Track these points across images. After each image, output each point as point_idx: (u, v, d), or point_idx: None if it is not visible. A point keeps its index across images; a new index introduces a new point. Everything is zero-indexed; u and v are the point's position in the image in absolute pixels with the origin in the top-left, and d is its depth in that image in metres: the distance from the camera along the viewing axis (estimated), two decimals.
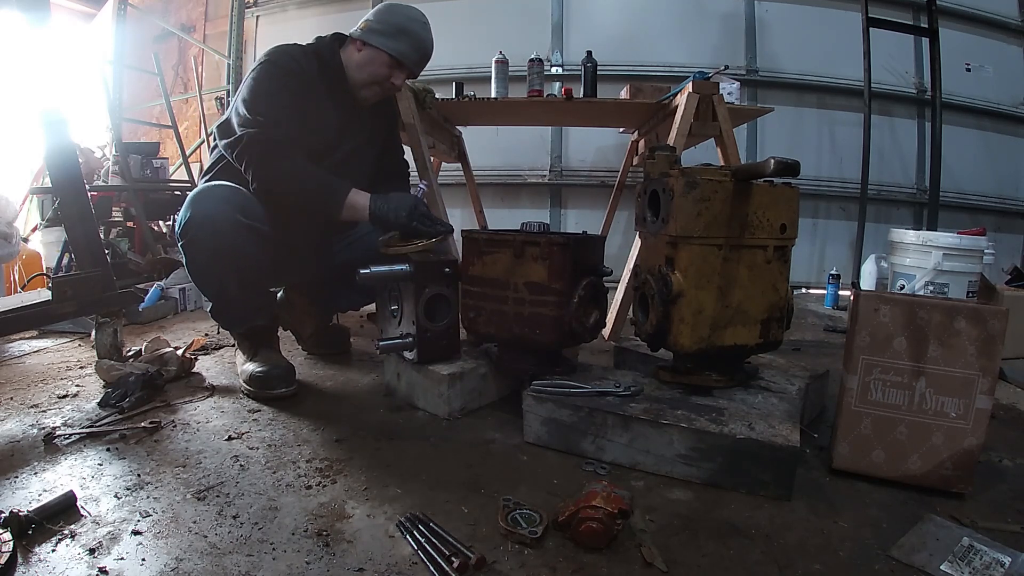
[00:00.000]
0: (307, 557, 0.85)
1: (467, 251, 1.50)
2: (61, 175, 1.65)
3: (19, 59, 1.92)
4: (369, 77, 1.60)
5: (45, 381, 1.65)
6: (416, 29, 1.59)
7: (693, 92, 2.14)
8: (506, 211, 3.86)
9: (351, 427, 1.34)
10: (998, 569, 0.85)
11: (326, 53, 1.60)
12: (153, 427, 1.30)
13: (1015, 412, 1.60)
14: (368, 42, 1.57)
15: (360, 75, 1.60)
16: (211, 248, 1.43)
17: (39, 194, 3.45)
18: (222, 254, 1.44)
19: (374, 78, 1.60)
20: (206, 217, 1.41)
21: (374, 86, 1.62)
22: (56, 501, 0.94)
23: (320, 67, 1.59)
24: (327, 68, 1.59)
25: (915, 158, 3.76)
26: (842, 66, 3.58)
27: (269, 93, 1.48)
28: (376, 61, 1.58)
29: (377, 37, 1.57)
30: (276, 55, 1.55)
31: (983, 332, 1.04)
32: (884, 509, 1.03)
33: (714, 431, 1.10)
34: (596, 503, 0.89)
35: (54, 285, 1.61)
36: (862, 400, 1.11)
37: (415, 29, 1.59)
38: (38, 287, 2.42)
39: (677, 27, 3.68)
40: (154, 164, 3.67)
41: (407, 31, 1.58)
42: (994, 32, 3.78)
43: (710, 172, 1.22)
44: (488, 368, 1.49)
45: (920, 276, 2.41)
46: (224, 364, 1.84)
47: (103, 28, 4.72)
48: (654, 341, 1.30)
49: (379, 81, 1.61)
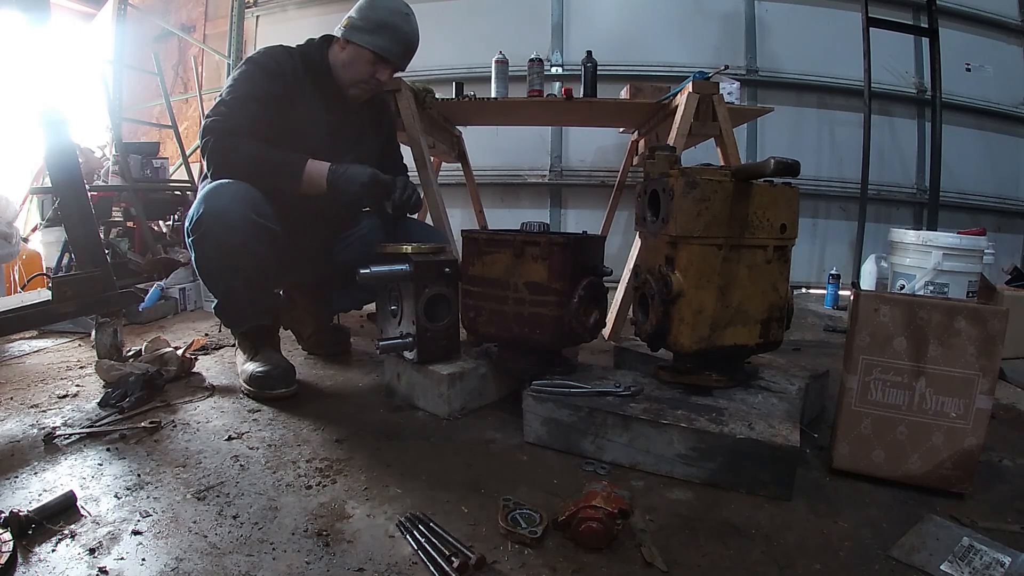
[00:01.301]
0: (307, 557, 0.85)
1: (467, 251, 1.50)
2: (61, 175, 1.64)
3: (19, 59, 1.92)
4: (354, 76, 1.60)
5: (45, 381, 1.65)
6: (397, 22, 1.58)
7: (693, 92, 2.14)
8: (506, 211, 3.86)
9: (351, 427, 1.34)
10: (998, 569, 0.85)
11: (314, 54, 1.61)
12: (153, 427, 1.30)
13: (1015, 412, 1.60)
14: (350, 40, 1.58)
15: (345, 74, 1.61)
16: (223, 245, 1.43)
17: (39, 194, 3.45)
18: (234, 252, 1.44)
19: (358, 76, 1.60)
20: (220, 213, 1.41)
21: (360, 84, 1.62)
22: (56, 501, 0.94)
23: (306, 68, 1.59)
24: (314, 69, 1.60)
25: (915, 158, 3.76)
26: (842, 66, 3.58)
27: (241, 90, 1.50)
28: (359, 59, 1.58)
29: (358, 34, 1.57)
30: (258, 55, 1.58)
31: (983, 332, 1.04)
32: (884, 509, 1.03)
33: (714, 431, 1.10)
34: (596, 503, 0.89)
35: (54, 285, 1.61)
36: (862, 400, 1.11)
37: (396, 22, 1.57)
38: (38, 287, 2.42)
39: (677, 27, 3.68)
40: (154, 164, 3.66)
41: (388, 25, 1.57)
42: (994, 32, 3.78)
43: (710, 172, 1.22)
44: (488, 368, 1.49)
45: (920, 276, 2.41)
46: (224, 364, 1.84)
47: (103, 28, 4.71)
48: (654, 341, 1.30)
49: (364, 79, 1.61)
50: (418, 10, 1.65)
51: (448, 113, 2.80)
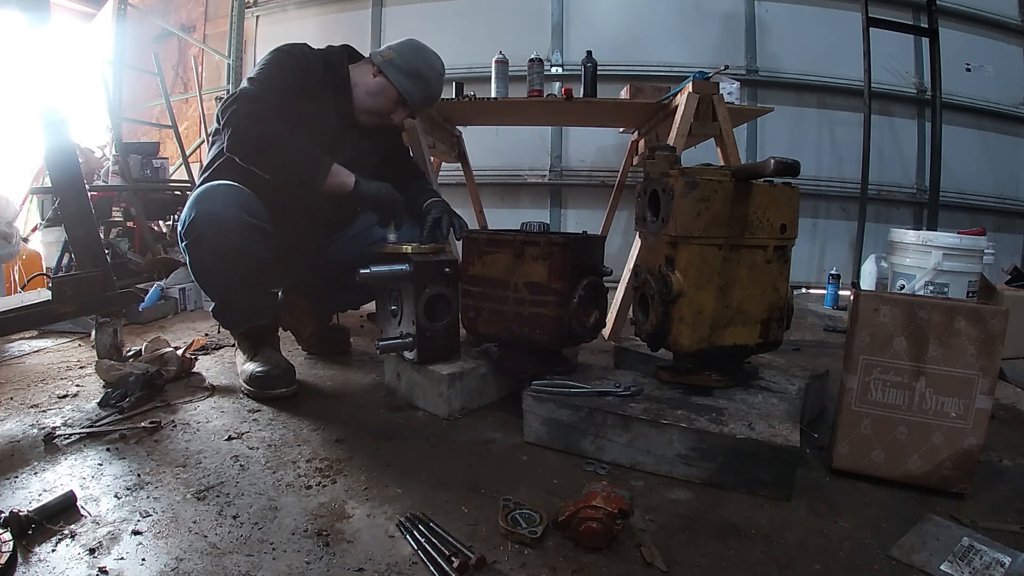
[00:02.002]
0: (307, 557, 0.85)
1: (467, 251, 1.50)
2: (61, 175, 1.65)
3: (19, 59, 1.92)
4: (373, 105, 1.64)
5: (45, 381, 1.65)
6: (432, 78, 1.65)
7: (693, 92, 2.14)
8: (506, 211, 3.86)
9: (351, 427, 1.34)
10: (998, 569, 0.85)
11: (334, 60, 1.63)
12: (153, 427, 1.30)
13: (1015, 412, 1.60)
14: (386, 73, 1.61)
15: (366, 100, 1.63)
16: (216, 247, 1.43)
17: (39, 194, 3.45)
18: (227, 254, 1.43)
19: (377, 107, 1.64)
20: (211, 216, 1.41)
21: (375, 115, 1.65)
22: (56, 501, 0.94)
23: (325, 71, 1.60)
24: (333, 74, 1.61)
25: (915, 158, 3.76)
26: (842, 66, 3.58)
27: (273, 71, 1.51)
28: (386, 94, 1.62)
29: (395, 72, 1.61)
30: (290, 46, 1.59)
31: (983, 332, 1.04)
32: (884, 509, 1.03)
33: (714, 431, 1.10)
34: (596, 503, 0.89)
35: (54, 285, 1.61)
36: (862, 400, 1.11)
37: (431, 77, 1.65)
38: (38, 287, 2.42)
39: (677, 27, 3.68)
40: (154, 164, 3.67)
41: (423, 77, 1.63)
42: (994, 32, 3.78)
43: (710, 172, 1.22)
44: (488, 368, 1.49)
45: (920, 276, 2.41)
46: (224, 364, 1.84)
47: (103, 28, 4.72)
48: (654, 341, 1.30)
49: (381, 112, 1.65)
50: (418, 10, 1.67)
51: (448, 113, 2.80)
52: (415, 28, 3.70)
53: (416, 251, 1.45)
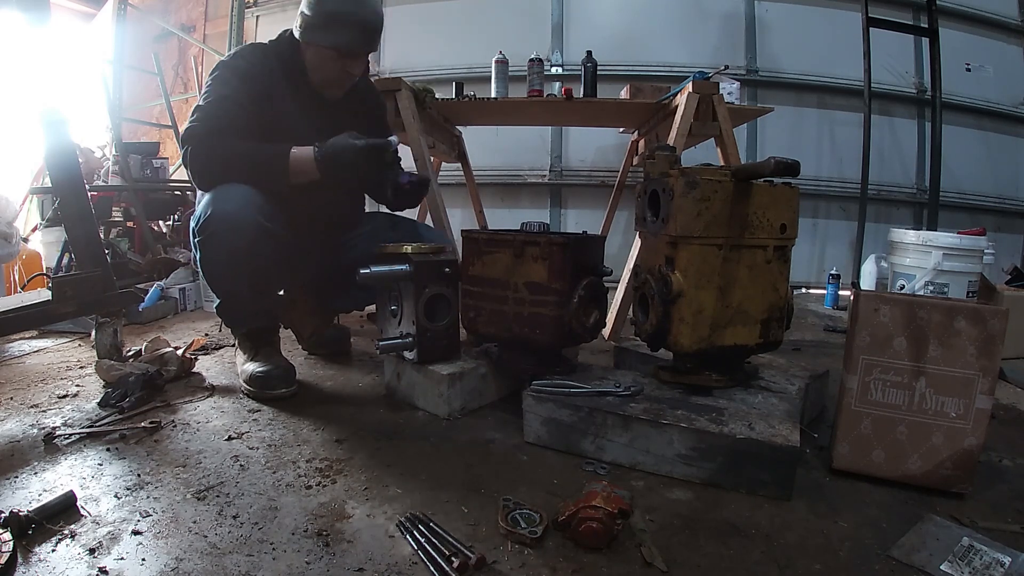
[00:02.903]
0: (307, 557, 0.85)
1: (467, 251, 1.50)
2: (61, 175, 1.64)
3: (19, 59, 1.92)
4: (324, 77, 1.57)
5: (45, 381, 1.65)
6: (350, 8, 1.47)
7: (693, 92, 2.14)
8: (506, 211, 3.86)
9: (351, 427, 1.34)
10: (998, 569, 0.85)
11: (286, 51, 1.58)
12: (153, 427, 1.30)
13: (1015, 412, 1.60)
14: (310, 41, 1.53)
15: (316, 76, 1.58)
16: (229, 247, 1.43)
17: (39, 194, 3.45)
18: (239, 254, 1.44)
19: (329, 77, 1.57)
20: (226, 215, 1.41)
21: (333, 83, 1.60)
22: (56, 501, 0.94)
23: (280, 65, 1.57)
24: (288, 67, 1.57)
25: (915, 158, 3.76)
26: (842, 66, 3.58)
27: (215, 94, 1.48)
28: (324, 59, 1.53)
29: (315, 32, 1.50)
30: (229, 58, 1.56)
31: (983, 332, 1.04)
32: (884, 509, 1.03)
33: (714, 431, 1.10)
34: (596, 503, 0.89)
35: (54, 285, 1.61)
36: (862, 400, 1.11)
37: (349, 9, 1.47)
38: (38, 287, 2.42)
39: (677, 27, 3.68)
40: (154, 164, 3.67)
41: (341, 15, 1.47)
42: (994, 32, 3.78)
43: (710, 172, 1.22)
44: (488, 368, 1.49)
45: (920, 276, 2.41)
46: (224, 364, 1.84)
47: (103, 28, 4.72)
48: (654, 341, 1.30)
49: (335, 78, 1.58)
50: (419, 10, 1.65)
51: (448, 113, 2.79)
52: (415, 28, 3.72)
53: (416, 251, 1.45)
